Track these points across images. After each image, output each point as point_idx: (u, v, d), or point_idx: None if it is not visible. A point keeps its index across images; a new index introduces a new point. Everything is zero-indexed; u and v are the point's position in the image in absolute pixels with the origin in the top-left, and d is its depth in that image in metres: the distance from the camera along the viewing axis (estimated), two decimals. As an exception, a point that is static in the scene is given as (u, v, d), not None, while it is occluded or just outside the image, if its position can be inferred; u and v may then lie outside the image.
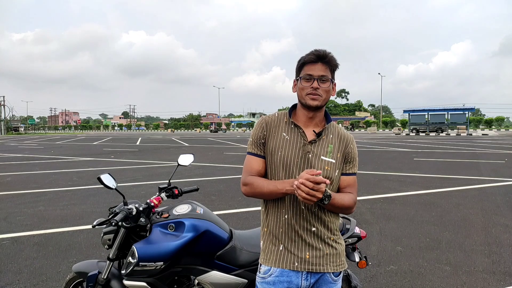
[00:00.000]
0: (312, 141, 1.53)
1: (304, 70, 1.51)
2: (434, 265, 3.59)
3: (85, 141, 30.81)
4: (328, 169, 1.52)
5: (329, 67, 1.51)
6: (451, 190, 7.35)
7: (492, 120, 71.78)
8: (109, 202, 6.21)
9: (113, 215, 1.93)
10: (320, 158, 1.52)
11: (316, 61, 1.49)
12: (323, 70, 1.49)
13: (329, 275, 1.55)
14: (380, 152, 16.81)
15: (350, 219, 2.19)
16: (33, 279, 3.33)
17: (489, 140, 26.95)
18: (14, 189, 7.81)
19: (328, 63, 1.50)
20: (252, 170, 1.56)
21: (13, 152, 18.85)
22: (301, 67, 1.53)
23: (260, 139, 1.58)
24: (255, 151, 1.58)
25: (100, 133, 79.67)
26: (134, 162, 13.13)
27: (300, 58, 1.54)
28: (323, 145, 1.54)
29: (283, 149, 1.53)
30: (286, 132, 1.56)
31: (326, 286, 1.56)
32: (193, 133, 64.88)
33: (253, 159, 1.58)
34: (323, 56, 1.49)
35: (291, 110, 1.61)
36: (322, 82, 1.50)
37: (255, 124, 1.64)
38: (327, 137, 1.56)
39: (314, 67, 1.49)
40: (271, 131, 1.57)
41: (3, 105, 72.09)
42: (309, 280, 1.52)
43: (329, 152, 1.54)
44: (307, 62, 1.51)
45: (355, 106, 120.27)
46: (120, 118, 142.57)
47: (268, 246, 1.57)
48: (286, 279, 1.52)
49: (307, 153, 1.52)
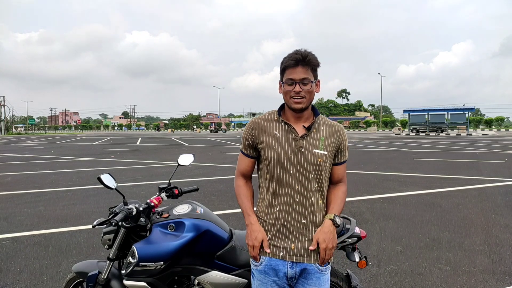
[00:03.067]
0: (303, 135, 1.61)
1: (286, 74, 1.57)
2: (434, 265, 3.59)
3: (85, 141, 30.80)
4: (320, 161, 1.60)
5: (310, 68, 1.56)
6: (451, 190, 7.35)
7: (492, 120, 71.74)
8: (109, 202, 6.21)
9: (113, 215, 1.93)
10: (313, 151, 1.60)
11: (296, 65, 1.54)
12: (304, 72, 1.55)
13: (315, 266, 1.62)
14: (380, 152, 16.81)
15: (350, 219, 2.19)
16: (33, 279, 3.33)
17: (489, 140, 26.95)
18: (14, 189, 7.81)
19: (308, 64, 1.55)
20: (241, 168, 1.75)
21: (13, 152, 18.85)
22: (283, 71, 1.59)
23: (248, 140, 1.69)
24: (245, 151, 1.73)
25: (100, 133, 79.69)
26: (134, 162, 13.13)
27: (282, 61, 1.60)
28: (314, 138, 1.62)
29: (276, 146, 1.61)
30: (278, 130, 1.63)
31: (314, 276, 1.62)
32: (193, 133, 64.88)
33: (243, 158, 1.74)
34: (302, 58, 1.53)
35: (280, 109, 1.68)
36: (304, 85, 1.56)
37: (246, 125, 1.74)
38: (318, 130, 1.64)
39: (294, 71, 1.55)
40: (261, 131, 1.65)
41: (3, 105, 72.07)
42: (295, 269, 1.62)
43: (321, 144, 1.62)
44: (288, 67, 1.56)
45: (355, 106, 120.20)
46: (120, 118, 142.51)
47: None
48: (274, 267, 1.63)
49: (299, 148, 1.59)
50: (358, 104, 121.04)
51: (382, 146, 21.01)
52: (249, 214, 1.67)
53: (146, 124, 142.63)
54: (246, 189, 1.73)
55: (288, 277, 1.63)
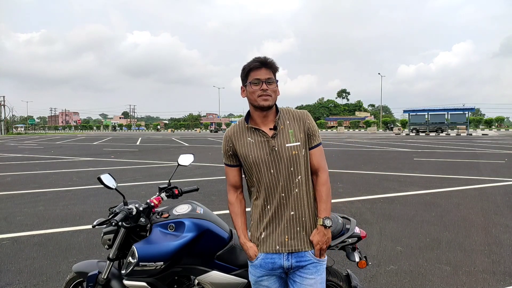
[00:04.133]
0: (273, 135, 1.70)
1: (251, 76, 1.69)
2: (434, 265, 3.59)
3: (85, 141, 30.80)
4: (295, 153, 1.69)
5: (272, 71, 1.70)
6: (451, 190, 7.35)
7: (492, 120, 71.73)
8: (109, 202, 6.21)
9: (113, 215, 1.93)
10: (285, 146, 1.69)
11: (260, 66, 1.68)
12: (268, 73, 1.68)
13: (310, 254, 1.70)
14: (380, 152, 16.80)
15: (350, 219, 2.19)
16: (33, 279, 3.33)
17: (489, 140, 26.95)
18: (14, 189, 7.81)
19: (271, 67, 1.69)
20: (230, 180, 1.84)
21: (13, 152, 18.85)
22: (247, 74, 1.70)
23: (228, 151, 1.79)
24: (228, 162, 1.82)
25: (100, 133, 79.69)
26: (134, 162, 13.13)
27: (245, 66, 1.71)
28: (284, 134, 1.71)
29: (252, 152, 1.71)
30: (250, 136, 1.73)
31: (311, 265, 1.70)
32: (193, 133, 64.88)
33: (228, 170, 1.83)
34: (265, 62, 1.67)
35: (247, 117, 1.78)
36: (269, 84, 1.68)
37: (223, 138, 1.83)
38: (285, 125, 1.73)
39: (260, 72, 1.68)
40: (237, 140, 1.75)
41: (3, 105, 72.08)
42: (290, 260, 1.70)
43: (291, 136, 1.71)
44: (253, 69, 1.68)
45: (355, 106, 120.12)
46: (120, 118, 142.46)
47: (254, 234, 1.77)
48: (270, 261, 1.71)
49: (273, 147, 1.69)
50: (358, 104, 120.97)
51: (382, 146, 21.01)
52: (239, 235, 1.79)
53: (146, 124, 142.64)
54: (237, 206, 1.83)
55: (284, 268, 1.71)
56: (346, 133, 53.46)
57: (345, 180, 8.63)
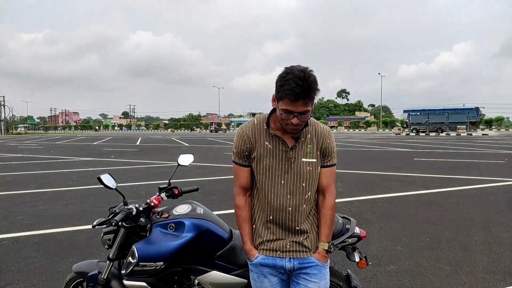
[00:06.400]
0: (292, 146, 1.61)
1: (284, 103, 1.45)
2: (434, 265, 3.59)
3: (85, 141, 30.80)
4: (310, 169, 1.62)
5: (310, 100, 1.46)
6: (451, 190, 7.34)
7: (492, 120, 71.68)
8: (109, 202, 6.21)
9: (113, 215, 1.93)
10: (302, 160, 1.61)
11: (296, 100, 1.42)
12: (304, 105, 1.44)
13: (314, 259, 1.66)
14: (380, 152, 16.80)
15: (350, 219, 2.19)
16: (33, 279, 3.33)
17: (489, 140, 26.94)
18: (14, 189, 7.81)
19: (309, 98, 1.44)
20: (241, 182, 1.71)
21: (13, 152, 18.84)
22: (281, 97, 1.46)
23: (244, 151, 1.66)
24: (240, 162, 1.69)
25: (100, 133, 79.67)
26: (134, 162, 13.13)
27: (281, 84, 1.44)
28: (303, 147, 1.62)
29: (267, 158, 1.62)
30: (268, 141, 1.62)
31: (315, 268, 1.66)
32: (193, 133, 64.87)
33: (239, 169, 1.70)
34: (303, 93, 1.41)
35: (268, 118, 1.63)
36: (303, 116, 1.48)
37: (236, 135, 1.68)
38: (306, 138, 1.63)
39: (294, 105, 1.44)
40: (253, 140, 1.64)
41: (3, 105, 72.06)
42: (293, 263, 1.65)
43: (309, 152, 1.62)
44: (287, 99, 1.43)
45: (355, 106, 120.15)
46: (120, 118, 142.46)
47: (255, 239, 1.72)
48: (271, 262, 1.67)
49: (289, 159, 1.60)
50: (358, 104, 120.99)
51: (382, 146, 21.00)
52: (244, 242, 1.72)
53: (146, 124, 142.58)
54: (246, 210, 1.71)
55: (286, 269, 1.67)
56: (346, 133, 53.46)
57: (345, 180, 8.63)
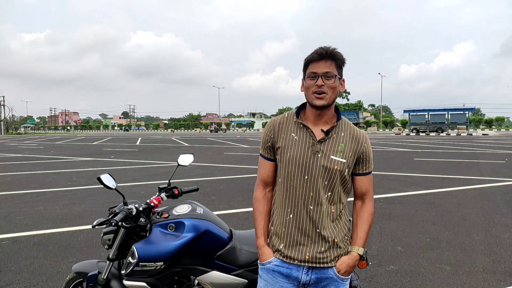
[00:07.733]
0: (321, 140, 1.51)
1: (309, 69, 1.49)
2: (434, 265, 3.59)
3: (85, 141, 30.80)
4: (337, 168, 1.50)
5: (335, 63, 1.48)
6: (451, 190, 7.34)
7: (492, 120, 71.71)
8: (109, 202, 6.21)
9: (113, 215, 1.93)
10: (330, 157, 1.50)
11: (320, 58, 1.47)
12: (328, 66, 1.46)
13: (333, 271, 1.53)
14: (380, 152, 16.79)
15: (350, 219, 2.19)
16: (33, 279, 3.33)
17: (489, 140, 26.94)
18: (14, 189, 7.81)
19: (333, 59, 1.47)
20: (262, 175, 1.65)
21: (13, 152, 18.84)
22: (306, 66, 1.52)
23: (267, 142, 1.61)
24: (264, 154, 1.65)
25: (100, 133, 79.67)
26: (134, 162, 13.12)
27: (306, 57, 1.52)
28: (333, 144, 1.52)
29: (292, 149, 1.52)
30: (295, 132, 1.55)
31: (332, 284, 1.54)
32: (193, 133, 64.87)
33: (263, 162, 1.66)
34: (326, 52, 1.46)
35: (299, 110, 1.60)
36: (327, 79, 1.46)
37: (265, 126, 1.65)
38: (338, 136, 1.53)
39: (318, 65, 1.47)
40: (280, 132, 1.57)
41: (3, 105, 72.07)
42: (310, 275, 1.52)
43: (340, 151, 1.51)
44: (311, 61, 1.49)
45: (355, 106, 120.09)
46: (120, 118, 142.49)
47: (271, 242, 1.61)
48: (286, 270, 1.54)
49: (316, 152, 1.50)
50: (358, 104, 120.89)
51: (382, 146, 21.00)
52: (258, 237, 1.62)
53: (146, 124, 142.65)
54: (263, 204, 1.64)
55: (300, 282, 1.53)
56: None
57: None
